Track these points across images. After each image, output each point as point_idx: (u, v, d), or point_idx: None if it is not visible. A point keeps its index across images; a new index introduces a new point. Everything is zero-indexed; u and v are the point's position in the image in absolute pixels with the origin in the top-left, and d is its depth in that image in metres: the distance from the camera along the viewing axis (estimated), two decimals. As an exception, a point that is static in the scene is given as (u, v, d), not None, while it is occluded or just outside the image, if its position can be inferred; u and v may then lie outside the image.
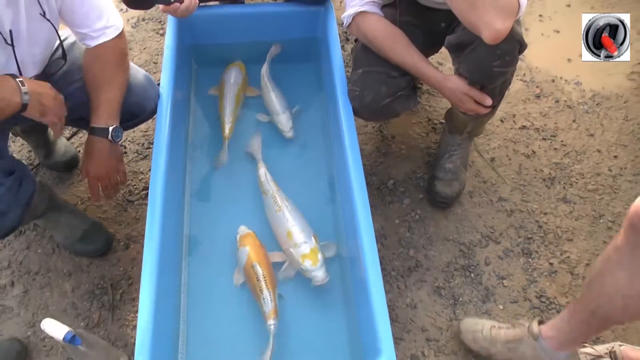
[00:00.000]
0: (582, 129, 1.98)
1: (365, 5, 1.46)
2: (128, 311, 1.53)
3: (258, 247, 1.48)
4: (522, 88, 2.10)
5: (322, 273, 1.40)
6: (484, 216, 1.74)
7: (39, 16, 1.22)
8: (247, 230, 1.54)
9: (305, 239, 1.44)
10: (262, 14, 1.86)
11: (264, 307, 1.35)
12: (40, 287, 1.58)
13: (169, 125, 1.48)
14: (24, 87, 1.12)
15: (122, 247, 1.65)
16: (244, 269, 1.44)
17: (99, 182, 1.40)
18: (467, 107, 1.44)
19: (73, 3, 1.29)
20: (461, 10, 1.19)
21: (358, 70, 1.51)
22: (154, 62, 2.13)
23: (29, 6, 1.19)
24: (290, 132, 1.76)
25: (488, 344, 1.39)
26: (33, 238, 1.67)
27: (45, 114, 1.18)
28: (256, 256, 1.44)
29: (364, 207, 1.32)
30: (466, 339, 1.44)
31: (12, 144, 1.88)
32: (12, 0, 1.14)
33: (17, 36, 1.17)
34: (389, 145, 1.89)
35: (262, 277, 1.38)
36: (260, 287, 1.37)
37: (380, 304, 1.18)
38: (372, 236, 1.28)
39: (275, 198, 1.55)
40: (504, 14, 1.14)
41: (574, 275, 1.62)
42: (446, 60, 2.13)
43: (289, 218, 1.49)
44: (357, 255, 1.30)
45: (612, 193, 1.81)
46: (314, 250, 1.42)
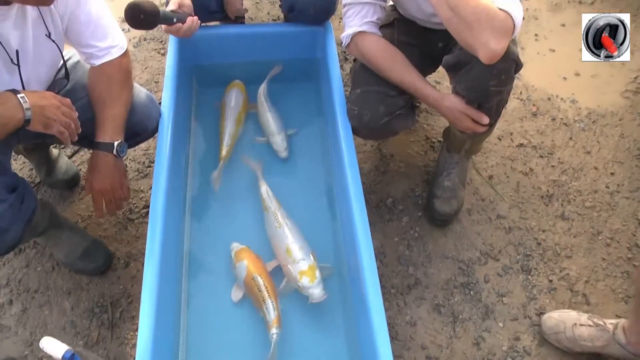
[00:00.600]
0: (579, 146, 1.99)
1: (363, 26, 1.48)
2: (128, 329, 1.53)
3: (255, 259, 1.50)
4: (519, 106, 2.12)
5: (320, 290, 1.40)
6: (482, 233, 1.75)
7: (45, 37, 1.24)
8: (241, 246, 1.55)
9: (304, 256, 1.45)
10: (262, 34, 1.88)
11: (268, 315, 1.37)
12: (39, 305, 1.58)
13: (170, 144, 1.49)
14: (25, 103, 1.12)
15: (122, 265, 1.65)
16: (244, 281, 1.45)
17: (102, 197, 1.41)
18: (464, 125, 1.45)
19: (79, 24, 1.31)
20: (457, 30, 1.21)
21: (357, 89, 1.53)
22: (155, 82, 2.15)
23: (35, 27, 1.21)
24: (285, 152, 1.77)
25: (573, 345, 1.46)
26: (33, 256, 1.67)
27: (50, 125, 1.18)
28: (255, 268, 1.45)
29: (363, 225, 1.33)
30: (550, 339, 1.51)
31: (13, 162, 1.88)
32: (19, 22, 1.16)
33: (23, 56, 1.19)
34: (387, 164, 1.91)
35: (264, 287, 1.40)
36: (262, 297, 1.39)
37: (379, 322, 1.18)
38: (372, 254, 1.28)
39: (276, 215, 1.56)
40: (500, 34, 1.16)
41: (574, 292, 1.63)
42: (444, 79, 2.15)
43: (289, 235, 1.50)
44: (357, 273, 1.30)
45: (610, 210, 1.82)
46: (311, 267, 1.43)
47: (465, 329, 1.55)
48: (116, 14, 1.63)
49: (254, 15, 2.42)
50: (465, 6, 1.16)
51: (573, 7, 2.51)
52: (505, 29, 1.16)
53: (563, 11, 2.49)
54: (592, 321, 1.45)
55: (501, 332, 1.54)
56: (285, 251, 1.47)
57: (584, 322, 1.45)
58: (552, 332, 1.49)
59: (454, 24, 1.21)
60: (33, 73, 1.25)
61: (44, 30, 1.24)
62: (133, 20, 1.30)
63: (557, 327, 1.49)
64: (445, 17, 1.22)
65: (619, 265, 1.69)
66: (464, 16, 1.16)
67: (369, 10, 1.48)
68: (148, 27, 1.34)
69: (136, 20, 1.30)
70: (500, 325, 1.55)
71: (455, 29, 1.22)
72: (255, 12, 2.44)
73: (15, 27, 1.15)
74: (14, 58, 1.17)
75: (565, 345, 1.47)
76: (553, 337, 1.49)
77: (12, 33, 1.15)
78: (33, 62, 1.24)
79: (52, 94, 1.21)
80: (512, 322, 1.56)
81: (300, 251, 1.45)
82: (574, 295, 1.62)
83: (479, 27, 1.15)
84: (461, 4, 1.16)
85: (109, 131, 1.37)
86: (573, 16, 2.46)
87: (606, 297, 1.62)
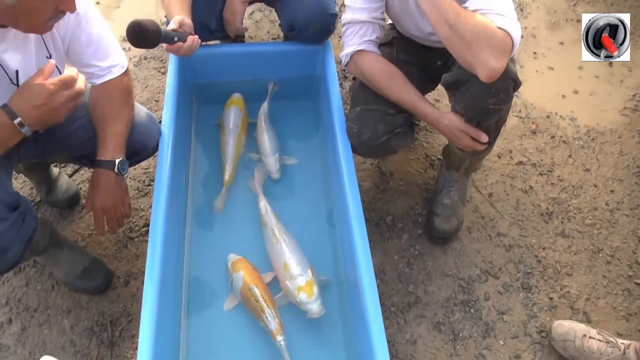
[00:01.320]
0: (578, 163, 2.00)
1: (363, 44, 1.49)
2: (127, 348, 1.52)
3: (251, 270, 1.51)
4: (518, 124, 2.13)
5: (317, 306, 1.40)
6: (482, 251, 1.74)
7: (46, 59, 1.25)
8: (237, 257, 1.56)
9: (301, 271, 1.45)
10: (262, 53, 1.90)
11: (269, 325, 1.38)
12: (39, 324, 1.57)
13: (170, 163, 1.49)
14: (16, 119, 1.10)
15: (122, 284, 1.64)
16: (241, 292, 1.46)
17: (104, 214, 1.41)
18: (463, 143, 1.46)
19: (80, 44, 1.32)
20: (457, 49, 1.22)
21: (356, 107, 1.54)
22: (155, 100, 2.17)
23: (36, 49, 1.22)
24: (277, 174, 1.78)
25: (579, 355, 1.46)
26: (32, 275, 1.67)
27: (52, 117, 1.15)
28: (251, 279, 1.47)
29: (363, 243, 1.33)
30: (556, 346, 1.50)
31: (14, 181, 1.89)
32: (21, 46, 1.17)
33: (23, 77, 1.20)
34: (387, 182, 1.91)
35: (261, 297, 1.41)
36: (261, 307, 1.40)
37: (379, 340, 1.18)
38: (372, 272, 1.28)
39: (274, 231, 1.56)
40: (498, 52, 1.17)
41: (574, 310, 1.62)
42: (443, 97, 2.16)
43: (286, 250, 1.50)
44: (357, 290, 1.30)
45: (610, 227, 1.82)
46: (309, 282, 1.43)
47: (466, 346, 1.54)
48: (117, 33, 1.65)
49: (254, 34, 2.44)
50: (464, 25, 1.17)
51: (571, 25, 2.53)
52: (503, 47, 1.17)
53: (561, 29, 2.51)
54: (603, 336, 1.45)
55: (502, 349, 1.53)
56: (283, 267, 1.47)
57: (594, 335, 1.46)
58: (561, 340, 1.49)
59: (453, 43, 1.22)
60: None
61: (45, 52, 1.25)
62: (134, 39, 1.31)
63: (567, 335, 1.49)
64: (444, 36, 1.23)
65: (620, 282, 1.68)
66: (463, 35, 1.18)
67: (368, 29, 1.49)
68: (149, 46, 1.35)
69: (138, 39, 1.31)
70: (500, 343, 1.55)
71: (454, 47, 1.23)
72: (255, 30, 2.46)
73: (16, 49, 1.16)
74: (14, 78, 1.18)
75: (571, 354, 1.47)
76: (560, 344, 1.49)
77: (11, 54, 1.16)
78: None
79: (40, 82, 1.12)
80: (512, 339, 1.55)
81: (298, 267, 1.46)
82: (574, 313, 1.61)
83: (478, 46, 1.17)
84: (460, 22, 1.18)
85: (110, 149, 1.38)
86: (571, 34, 2.48)
87: (607, 315, 1.61)
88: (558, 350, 1.51)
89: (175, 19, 1.45)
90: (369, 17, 1.48)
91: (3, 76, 1.16)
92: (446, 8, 1.20)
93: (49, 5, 1.07)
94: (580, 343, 1.45)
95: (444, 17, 1.21)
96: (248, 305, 1.45)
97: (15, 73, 1.18)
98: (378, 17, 1.49)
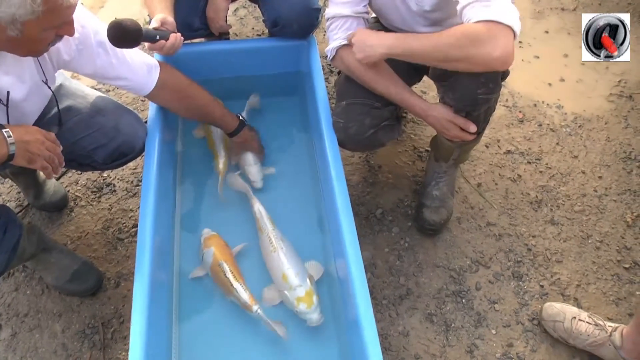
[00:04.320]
0: (566, 151, 2.01)
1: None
2: (120, 350, 1.52)
3: (223, 247, 1.55)
4: (506, 113, 2.13)
5: (317, 315, 1.40)
6: (472, 241, 1.75)
7: (41, 82, 1.26)
8: (212, 232, 1.59)
9: (300, 281, 1.44)
10: (246, 50, 1.89)
11: (241, 299, 1.42)
12: (30, 329, 1.56)
13: (156, 163, 1.49)
14: (10, 138, 1.13)
15: (113, 286, 1.64)
16: (211, 268, 1.50)
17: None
18: (452, 134, 1.46)
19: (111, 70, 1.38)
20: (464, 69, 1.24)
21: (342, 102, 1.54)
22: (141, 100, 2.15)
23: (31, 72, 1.23)
24: (260, 183, 1.75)
25: (567, 336, 1.48)
26: (22, 280, 1.66)
27: (34, 160, 1.19)
28: (222, 255, 1.51)
29: (351, 237, 1.33)
30: (546, 326, 1.53)
31: (0, 185, 1.88)
32: (12, 68, 1.17)
33: (14, 98, 1.19)
34: (375, 175, 1.91)
35: (230, 273, 1.45)
36: (230, 282, 1.45)
37: (371, 333, 1.18)
38: (361, 266, 1.28)
39: (270, 238, 1.54)
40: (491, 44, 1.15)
41: (565, 296, 1.63)
42: (429, 89, 2.16)
43: (284, 261, 1.48)
44: (347, 285, 1.30)
45: (599, 213, 1.83)
46: (308, 292, 1.42)
47: (458, 337, 1.54)
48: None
49: (239, 31, 2.43)
50: (449, 50, 1.19)
51: (556, 14, 2.53)
52: (490, 37, 1.15)
53: (546, 18, 2.52)
54: (593, 319, 1.47)
55: (494, 339, 1.54)
56: (281, 277, 1.46)
57: (584, 318, 1.48)
58: (551, 320, 1.51)
59: (457, 67, 1.23)
60: (22, 113, 1.26)
61: (40, 76, 1.26)
62: (115, 39, 1.30)
63: (557, 316, 1.51)
64: (447, 68, 1.25)
65: (609, 268, 1.69)
66: (456, 57, 1.19)
67: (352, 23, 1.49)
68: (130, 45, 1.34)
69: (118, 39, 1.30)
70: (493, 332, 1.55)
71: (462, 69, 1.24)
72: (239, 27, 2.45)
73: (8, 70, 1.16)
74: (4, 99, 1.17)
75: (560, 335, 1.50)
76: (550, 324, 1.52)
77: (3, 76, 1.16)
78: (25, 106, 1.25)
79: (36, 128, 1.21)
80: (504, 328, 1.56)
81: (297, 277, 1.45)
82: (565, 299, 1.62)
83: (471, 54, 1.17)
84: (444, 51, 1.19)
85: (230, 121, 1.68)
86: (556, 23, 2.49)
87: (598, 300, 1.62)
88: (548, 331, 1.53)
89: (156, 17, 1.44)
90: (352, 11, 1.47)
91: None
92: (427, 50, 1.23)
93: (51, 33, 1.09)
94: (569, 325, 1.47)
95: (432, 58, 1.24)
96: (218, 281, 1.48)
97: (6, 94, 1.17)
98: (362, 10, 1.48)
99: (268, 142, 1.86)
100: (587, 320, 1.47)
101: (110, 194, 1.86)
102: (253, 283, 1.49)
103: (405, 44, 1.27)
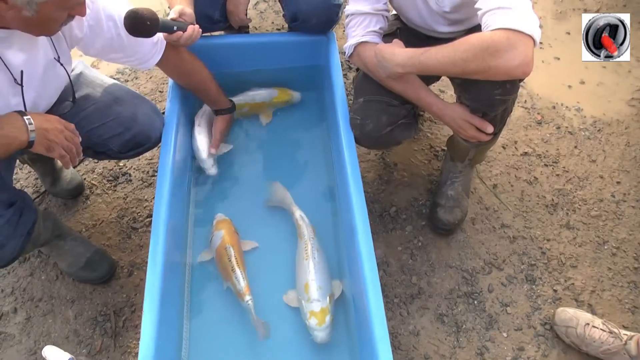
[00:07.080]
0: (584, 155, 1.99)
1: (366, 36, 1.48)
2: (131, 338, 1.53)
3: (232, 232, 1.58)
4: (524, 115, 2.11)
5: (324, 335, 1.38)
6: (486, 243, 1.74)
7: (53, 61, 1.26)
8: (224, 217, 1.62)
9: (320, 297, 1.41)
10: (266, 44, 1.89)
11: (237, 285, 1.44)
12: (43, 314, 1.58)
13: (173, 154, 1.49)
14: (31, 125, 1.14)
15: (126, 274, 1.65)
16: (216, 250, 1.52)
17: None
18: (468, 134, 1.45)
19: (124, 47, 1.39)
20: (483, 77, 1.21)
21: (359, 99, 1.53)
22: (159, 91, 2.16)
23: (45, 51, 1.23)
24: (214, 169, 1.74)
25: (580, 342, 1.47)
26: (37, 265, 1.67)
27: (52, 149, 1.20)
28: (230, 239, 1.54)
29: (365, 235, 1.33)
30: (559, 331, 1.52)
31: (19, 171, 1.90)
32: (26, 46, 1.18)
33: (28, 78, 1.20)
34: (391, 173, 1.91)
35: (234, 258, 1.48)
36: (232, 267, 1.47)
37: (382, 331, 1.18)
38: (374, 263, 1.28)
39: (307, 245, 1.53)
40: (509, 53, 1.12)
41: (579, 302, 1.61)
42: (447, 88, 2.15)
43: (312, 271, 1.46)
44: (359, 282, 1.30)
45: (616, 219, 1.81)
46: (323, 310, 1.39)
47: (469, 339, 1.54)
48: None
49: (258, 25, 2.43)
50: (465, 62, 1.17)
51: (577, 15, 2.50)
52: (508, 46, 1.11)
53: (568, 19, 2.49)
54: (607, 326, 1.45)
55: (505, 342, 1.53)
56: (304, 285, 1.45)
57: (598, 325, 1.46)
58: (563, 325, 1.50)
59: (476, 76, 1.21)
60: (37, 94, 1.27)
61: (53, 53, 1.26)
62: (132, 28, 1.31)
63: (570, 321, 1.49)
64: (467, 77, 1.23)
65: (625, 275, 1.67)
66: (475, 70, 1.17)
67: (372, 20, 1.48)
68: (147, 35, 1.34)
69: (135, 28, 1.31)
70: (504, 335, 1.54)
71: (482, 77, 1.22)
72: (259, 21, 2.45)
73: (21, 49, 1.17)
74: (18, 78, 1.18)
75: (572, 341, 1.48)
76: (563, 329, 1.50)
77: (16, 54, 1.16)
78: (39, 84, 1.25)
79: (56, 118, 1.23)
80: (516, 332, 1.55)
81: (318, 291, 1.42)
82: (579, 305, 1.61)
83: (491, 65, 1.14)
84: (465, 61, 1.17)
85: (223, 100, 1.73)
86: (578, 24, 2.45)
87: (612, 308, 1.61)
88: (560, 336, 1.51)
89: (175, 9, 1.44)
90: (372, 9, 1.46)
91: (7, 75, 1.16)
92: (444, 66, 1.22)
93: (64, 13, 1.10)
94: (582, 331, 1.46)
95: (449, 72, 1.25)
96: (220, 264, 1.50)
97: (20, 73, 1.18)
98: (381, 8, 1.48)
99: (284, 135, 1.86)
100: (601, 328, 1.45)
101: (126, 183, 1.87)
102: (253, 283, 1.48)
103: (420, 64, 1.27)
